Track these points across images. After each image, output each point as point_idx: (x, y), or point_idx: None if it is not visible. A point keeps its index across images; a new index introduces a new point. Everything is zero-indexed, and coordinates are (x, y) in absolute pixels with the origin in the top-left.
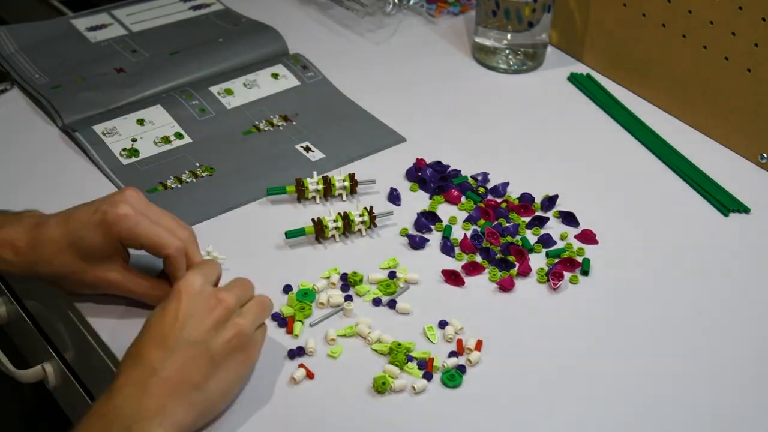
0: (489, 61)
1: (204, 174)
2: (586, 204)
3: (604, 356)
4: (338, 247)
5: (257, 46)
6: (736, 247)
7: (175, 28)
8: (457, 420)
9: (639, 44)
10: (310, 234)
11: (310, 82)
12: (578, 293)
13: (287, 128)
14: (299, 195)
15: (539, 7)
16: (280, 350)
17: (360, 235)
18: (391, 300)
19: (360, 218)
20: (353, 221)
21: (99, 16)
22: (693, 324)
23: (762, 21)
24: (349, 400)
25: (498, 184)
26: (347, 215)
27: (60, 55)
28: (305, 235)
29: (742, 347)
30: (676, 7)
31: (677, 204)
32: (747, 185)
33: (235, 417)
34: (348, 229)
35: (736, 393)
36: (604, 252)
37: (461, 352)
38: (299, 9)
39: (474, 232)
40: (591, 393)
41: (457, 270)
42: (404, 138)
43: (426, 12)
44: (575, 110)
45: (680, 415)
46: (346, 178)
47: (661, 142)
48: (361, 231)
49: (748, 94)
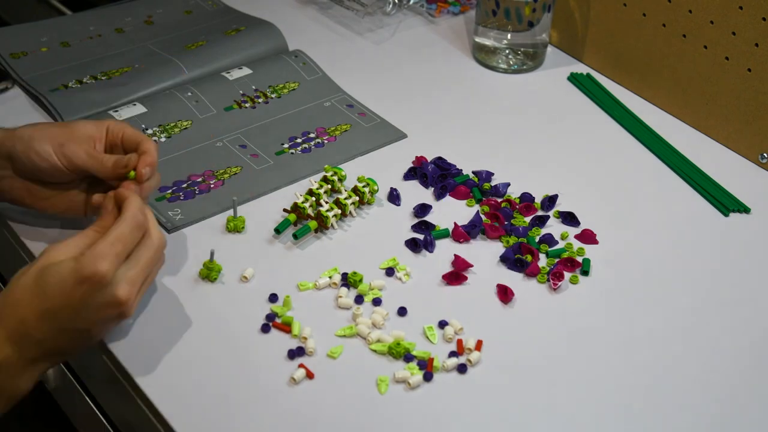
0: (489, 61)
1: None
2: (586, 204)
3: (603, 356)
4: (339, 247)
5: (256, 42)
6: (736, 247)
7: (174, 27)
8: (457, 420)
9: (639, 44)
10: (314, 228)
11: (310, 79)
12: (578, 293)
13: None
14: (321, 227)
15: (539, 6)
16: (280, 350)
17: (352, 217)
18: (401, 307)
19: (350, 200)
20: (346, 205)
21: (99, 16)
22: (693, 324)
23: (762, 20)
24: (349, 400)
25: (498, 184)
26: (338, 201)
27: (60, 55)
28: (311, 231)
29: (742, 347)
30: (676, 7)
31: (677, 204)
32: (747, 185)
33: (235, 417)
34: (343, 213)
35: (736, 393)
36: (604, 252)
37: (461, 352)
38: (299, 9)
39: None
40: (591, 393)
41: (458, 270)
42: (405, 134)
43: (426, 12)
44: (575, 110)
45: (680, 415)
46: (351, 194)
47: (661, 142)
48: (352, 212)
49: (749, 93)
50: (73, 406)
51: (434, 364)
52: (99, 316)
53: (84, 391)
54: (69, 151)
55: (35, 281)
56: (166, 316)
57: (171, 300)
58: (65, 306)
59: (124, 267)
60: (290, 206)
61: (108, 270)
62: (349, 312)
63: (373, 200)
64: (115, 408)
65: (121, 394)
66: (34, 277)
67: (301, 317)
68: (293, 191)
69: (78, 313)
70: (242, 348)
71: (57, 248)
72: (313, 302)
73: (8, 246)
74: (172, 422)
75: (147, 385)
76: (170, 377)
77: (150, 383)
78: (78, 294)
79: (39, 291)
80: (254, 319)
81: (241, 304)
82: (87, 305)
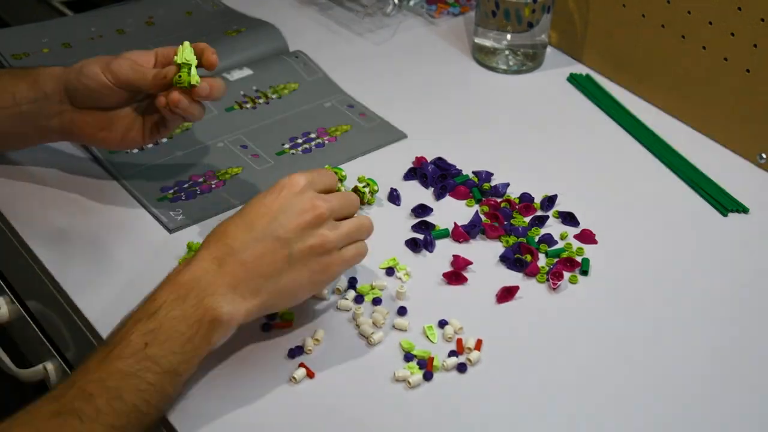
0: (489, 62)
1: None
2: (585, 204)
3: (603, 356)
4: None
5: (257, 43)
6: (735, 247)
7: (175, 28)
8: (457, 419)
9: (639, 45)
10: None
11: (310, 79)
12: (578, 293)
13: None
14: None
15: (539, 7)
16: (280, 350)
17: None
18: (401, 306)
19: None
20: None
21: (100, 17)
22: (692, 323)
23: (761, 21)
24: (349, 400)
25: (498, 184)
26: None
27: (62, 56)
28: None
29: (742, 347)
30: (675, 8)
31: (677, 204)
32: (746, 185)
33: (235, 417)
34: None
35: (736, 392)
36: (604, 252)
37: (461, 351)
38: (299, 10)
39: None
40: (590, 392)
41: (458, 270)
42: (405, 134)
43: (426, 13)
44: (575, 110)
45: (680, 414)
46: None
47: (661, 143)
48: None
49: (748, 94)
50: None
51: (434, 363)
52: (295, 223)
53: None
54: (114, 66)
55: (239, 212)
56: None
57: None
58: (263, 213)
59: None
60: None
61: (303, 177)
62: (350, 313)
63: (373, 200)
64: None
65: None
66: (239, 211)
67: (301, 317)
68: None
69: (275, 217)
70: (242, 347)
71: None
72: (313, 302)
73: (9, 246)
74: (172, 422)
75: None
76: None
77: None
78: (276, 200)
79: (242, 212)
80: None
81: None
82: (283, 209)
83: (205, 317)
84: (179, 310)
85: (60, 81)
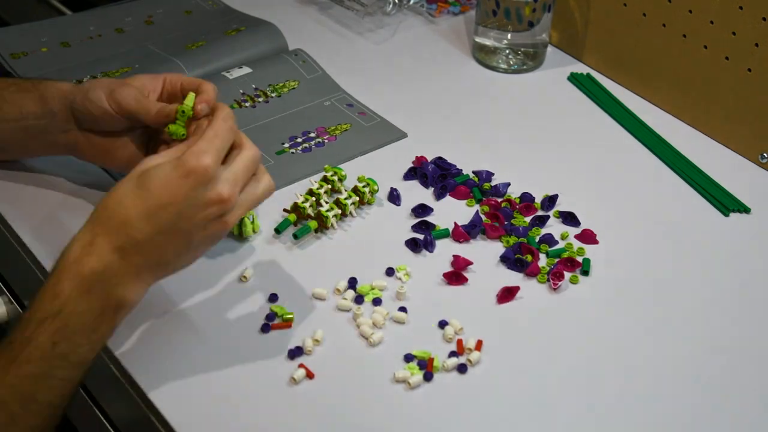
0: (489, 61)
1: None
2: (586, 204)
3: (604, 356)
4: (338, 247)
5: (257, 42)
6: (736, 247)
7: (175, 27)
8: (457, 420)
9: (639, 44)
10: (314, 229)
11: (310, 77)
12: (578, 293)
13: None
14: (321, 227)
15: (539, 6)
16: (280, 351)
17: (352, 217)
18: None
19: (350, 200)
20: (346, 205)
21: (99, 16)
22: (693, 324)
23: (762, 21)
24: (349, 401)
25: (498, 184)
26: (338, 200)
27: (60, 55)
28: (311, 231)
29: (742, 347)
30: (676, 7)
31: (677, 204)
32: (747, 185)
33: (235, 417)
34: (343, 213)
35: (737, 392)
36: (605, 252)
37: (461, 352)
38: (299, 9)
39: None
40: (591, 393)
41: (458, 270)
42: (405, 134)
43: (426, 12)
44: (575, 110)
45: (680, 414)
46: (351, 194)
47: (661, 142)
48: (352, 212)
49: (749, 93)
50: (73, 406)
51: (434, 364)
52: (201, 216)
53: (84, 391)
54: (119, 95)
55: (137, 184)
56: (166, 316)
57: (171, 300)
58: (169, 203)
59: (224, 169)
60: (290, 206)
61: (211, 163)
62: (350, 313)
63: (373, 200)
64: (115, 408)
65: (121, 393)
66: (135, 181)
67: (300, 318)
68: (293, 191)
69: (181, 211)
70: (242, 348)
71: (153, 157)
72: (313, 302)
73: (8, 246)
74: (172, 422)
75: (147, 385)
76: (170, 377)
77: (150, 383)
78: (182, 190)
79: (142, 192)
80: (254, 319)
81: (241, 304)
82: (190, 202)
83: (110, 306)
84: (85, 304)
85: (67, 100)
